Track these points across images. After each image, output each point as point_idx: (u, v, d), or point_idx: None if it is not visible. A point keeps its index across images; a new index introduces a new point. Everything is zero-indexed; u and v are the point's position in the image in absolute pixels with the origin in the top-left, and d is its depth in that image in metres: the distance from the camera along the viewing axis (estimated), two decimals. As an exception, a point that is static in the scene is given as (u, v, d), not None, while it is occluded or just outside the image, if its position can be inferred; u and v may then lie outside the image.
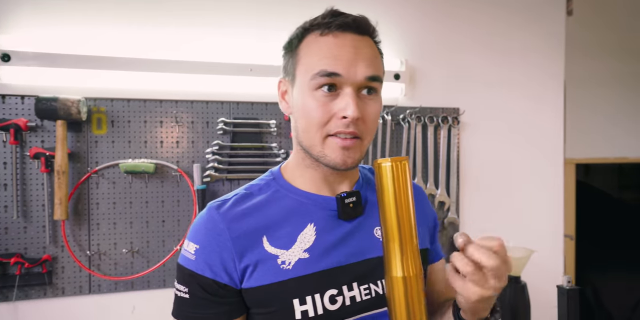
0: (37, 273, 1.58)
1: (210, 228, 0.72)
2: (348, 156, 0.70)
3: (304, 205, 0.76)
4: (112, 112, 1.67)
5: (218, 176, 1.74)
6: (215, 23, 1.76)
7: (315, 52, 0.70)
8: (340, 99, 0.69)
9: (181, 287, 0.72)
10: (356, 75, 0.68)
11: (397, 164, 0.60)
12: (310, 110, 0.69)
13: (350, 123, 0.68)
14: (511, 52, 2.15)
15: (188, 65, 1.68)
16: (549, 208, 2.24)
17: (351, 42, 0.70)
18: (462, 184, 2.08)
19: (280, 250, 0.71)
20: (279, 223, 0.74)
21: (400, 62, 1.93)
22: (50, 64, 1.55)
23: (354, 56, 0.69)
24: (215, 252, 0.70)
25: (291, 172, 0.80)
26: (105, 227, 1.66)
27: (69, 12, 1.62)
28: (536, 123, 2.20)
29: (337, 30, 0.70)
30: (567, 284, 1.20)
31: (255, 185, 0.80)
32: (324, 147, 0.71)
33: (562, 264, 2.30)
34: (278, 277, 0.70)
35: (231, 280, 0.70)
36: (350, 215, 0.76)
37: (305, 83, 0.70)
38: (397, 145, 1.97)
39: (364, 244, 0.76)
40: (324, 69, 0.68)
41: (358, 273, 0.74)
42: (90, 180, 1.65)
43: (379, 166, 0.61)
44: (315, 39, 0.71)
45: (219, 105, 1.78)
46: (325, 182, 0.78)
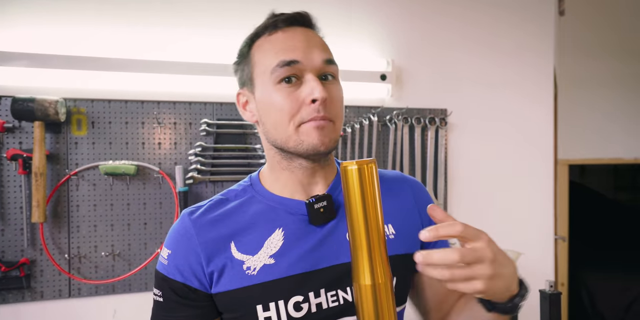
0: (15, 277, 1.55)
1: (182, 234, 0.73)
2: (325, 135, 0.69)
3: (275, 210, 0.75)
4: (93, 113, 1.64)
5: (201, 178, 1.71)
6: (198, 24, 1.74)
7: (269, 49, 0.71)
8: (305, 86, 0.69)
9: (157, 291, 0.73)
10: (313, 60, 0.69)
11: (364, 167, 0.58)
12: (278, 103, 0.69)
13: (320, 106, 0.68)
14: (500, 52, 2.13)
15: (170, 65, 1.66)
16: (539, 209, 2.22)
17: (301, 33, 0.71)
18: (450, 185, 2.05)
19: (247, 255, 0.71)
20: (248, 229, 0.73)
21: (386, 62, 1.91)
22: (29, 64, 1.53)
23: (306, 44, 0.70)
24: (184, 257, 0.71)
25: (268, 177, 0.79)
26: (85, 229, 1.64)
27: (49, 12, 1.60)
28: (526, 124, 2.18)
29: (284, 25, 0.71)
30: (549, 288, 1.17)
31: (232, 191, 0.80)
32: (299, 134, 0.69)
33: (552, 266, 2.28)
34: (243, 283, 0.70)
35: (201, 285, 0.71)
36: (321, 220, 0.74)
37: (266, 80, 0.70)
38: (384, 146, 1.95)
39: (335, 248, 0.74)
40: (283, 59, 0.68)
41: (326, 279, 0.72)
42: (70, 182, 1.62)
43: (344, 170, 0.59)
44: (265, 39, 0.72)
45: (202, 106, 1.75)
46: (299, 184, 0.76)
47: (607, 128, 3.44)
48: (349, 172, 0.58)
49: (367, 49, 1.92)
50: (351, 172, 0.58)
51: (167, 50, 1.69)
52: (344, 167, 0.59)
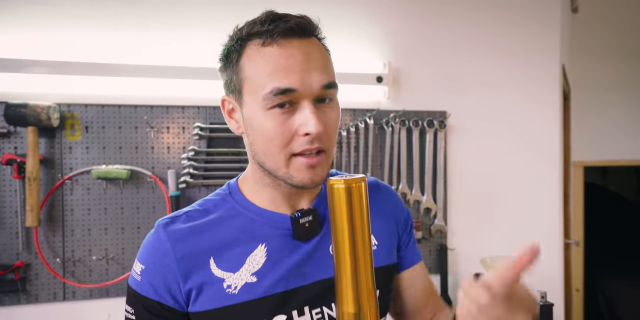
0: (10, 280, 1.58)
1: (156, 248, 0.69)
2: (315, 174, 0.66)
3: (257, 224, 0.71)
4: (86, 117, 1.66)
5: (194, 182, 1.71)
6: (190, 27, 1.74)
7: (261, 67, 0.63)
8: (299, 114, 0.63)
9: (129, 308, 0.70)
10: (312, 86, 0.63)
11: (353, 186, 0.53)
12: (269, 132, 0.64)
13: (313, 139, 0.63)
14: (502, 52, 2.07)
15: (163, 70, 1.66)
16: (545, 214, 2.14)
17: (299, 50, 0.63)
18: (449, 189, 2.00)
19: (227, 273, 0.67)
20: (229, 243, 0.69)
21: (383, 64, 1.88)
22: (23, 70, 1.55)
23: (305, 66, 0.63)
24: (159, 273, 0.67)
25: (250, 188, 0.75)
26: (79, 233, 1.65)
27: (42, 18, 1.62)
28: (530, 126, 2.11)
29: (281, 38, 0.63)
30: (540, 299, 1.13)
31: (210, 201, 0.75)
32: (290, 168, 0.66)
33: (561, 272, 2.20)
34: (223, 302, 0.66)
35: (176, 303, 0.67)
36: (306, 236, 0.71)
37: (257, 102, 0.64)
38: (381, 150, 1.91)
39: (319, 264, 0.71)
40: (277, 87, 0.61)
41: (309, 296, 0.70)
42: (65, 186, 1.64)
43: (331, 188, 0.54)
44: (257, 50, 0.64)
45: (195, 110, 1.75)
46: (285, 198, 0.73)
47: (626, 128, 3.33)
48: (335, 191, 0.53)
49: (363, 50, 1.89)
50: (338, 191, 0.53)
51: (159, 54, 1.70)
52: (330, 185, 0.54)
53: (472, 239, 2.03)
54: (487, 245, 2.03)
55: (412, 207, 1.95)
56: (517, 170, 2.09)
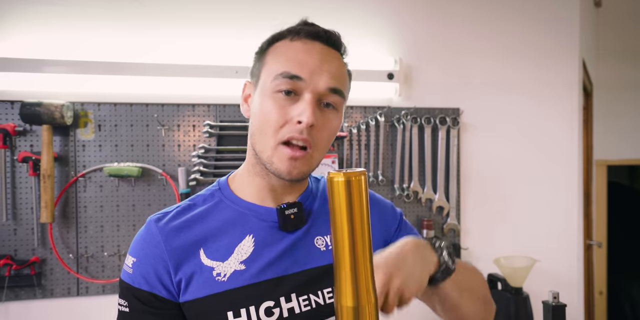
0: (26, 275, 1.61)
1: (148, 241, 0.71)
2: (294, 167, 0.69)
3: (244, 216, 0.75)
4: (99, 116, 1.69)
5: (204, 180, 1.72)
6: (200, 25, 1.75)
7: (281, 55, 0.70)
8: (298, 104, 0.68)
9: (122, 301, 0.72)
10: (318, 83, 0.68)
11: (352, 179, 0.52)
12: (268, 112, 0.69)
13: (304, 129, 0.67)
14: (518, 49, 2.01)
15: (174, 68, 1.67)
16: (562, 214, 2.08)
17: (319, 51, 0.70)
18: (463, 188, 1.96)
19: (216, 262, 0.70)
20: (216, 235, 0.72)
21: (394, 60, 1.85)
22: (38, 70, 1.58)
23: (319, 64, 0.68)
24: (150, 264, 0.70)
25: (239, 181, 0.79)
26: (92, 230, 1.68)
27: (57, 18, 1.65)
28: (547, 123, 2.05)
29: (306, 37, 0.71)
30: (552, 300, 1.09)
31: (200, 196, 0.79)
32: (274, 154, 0.70)
33: (579, 274, 2.13)
34: (213, 290, 0.69)
35: (169, 294, 0.69)
36: (291, 226, 0.75)
37: (267, 85, 0.69)
38: (392, 148, 1.89)
39: (305, 254, 0.74)
40: (287, 71, 0.67)
41: (297, 284, 0.72)
42: (78, 183, 1.67)
43: (330, 181, 0.53)
44: (284, 43, 0.72)
45: (205, 108, 1.76)
46: (272, 192, 0.76)
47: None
48: (335, 184, 0.53)
49: (374, 47, 1.86)
50: (338, 184, 0.53)
51: (170, 53, 1.71)
52: (330, 178, 0.54)
53: (485, 238, 1.98)
54: (501, 245, 1.98)
55: (425, 205, 1.92)
56: (533, 168, 2.04)
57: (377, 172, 1.86)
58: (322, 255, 0.75)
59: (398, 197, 1.88)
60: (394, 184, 1.88)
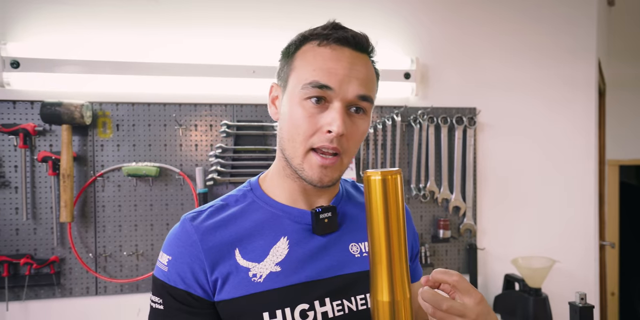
0: (46, 274, 1.62)
1: (184, 240, 0.72)
2: (325, 175, 0.70)
3: (278, 218, 0.75)
4: (117, 116, 1.69)
5: (221, 179, 1.72)
6: (218, 24, 1.75)
7: (310, 62, 0.69)
8: (328, 113, 0.68)
9: (156, 299, 0.72)
10: (347, 92, 0.68)
11: (388, 178, 0.55)
12: (297, 120, 0.69)
13: (334, 138, 0.67)
14: (535, 48, 2.00)
15: (191, 68, 1.68)
16: (580, 214, 2.07)
17: (348, 58, 0.69)
18: (479, 187, 1.96)
19: (252, 263, 0.71)
20: (252, 235, 0.73)
21: (410, 60, 1.85)
22: (57, 70, 1.59)
23: (348, 72, 0.68)
24: (187, 263, 0.70)
25: (270, 182, 0.79)
26: (111, 229, 1.69)
27: (75, 18, 1.66)
28: (564, 123, 2.04)
29: (335, 43, 0.69)
30: (579, 301, 1.08)
31: (232, 196, 0.79)
32: (304, 161, 0.70)
33: (594, 274, 2.12)
34: (249, 290, 0.69)
35: (204, 293, 0.70)
36: (325, 230, 0.75)
37: (296, 91, 0.69)
38: (408, 147, 1.88)
39: (338, 259, 0.75)
40: (316, 80, 0.67)
41: (331, 288, 0.72)
42: (97, 183, 1.67)
43: (368, 179, 0.56)
44: (312, 48, 0.70)
45: (223, 108, 1.76)
46: (304, 194, 0.77)
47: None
48: (372, 182, 0.56)
49: (390, 46, 1.86)
50: (374, 182, 0.55)
51: (188, 52, 1.71)
52: (367, 177, 0.56)
53: (502, 238, 1.97)
54: (518, 245, 1.97)
55: (441, 205, 1.91)
56: (550, 168, 2.03)
57: (393, 171, 1.86)
58: (357, 262, 0.75)
59: (414, 197, 1.87)
60: (411, 184, 1.88)
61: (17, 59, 1.56)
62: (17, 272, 1.61)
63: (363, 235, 0.77)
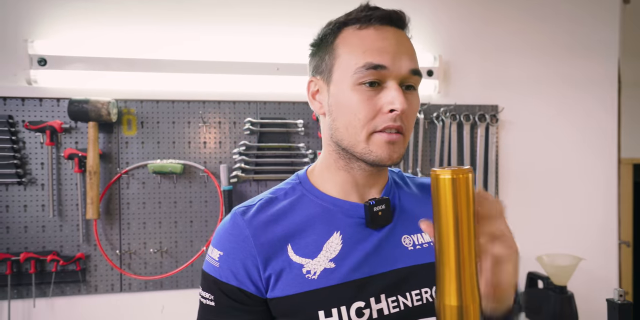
0: (72, 270, 1.63)
1: (235, 235, 0.70)
2: (394, 151, 0.68)
3: (331, 212, 0.73)
4: (142, 113, 1.69)
5: (245, 177, 1.72)
6: (241, 22, 1.75)
7: (357, 46, 0.67)
8: (386, 93, 0.66)
9: (206, 295, 0.70)
10: (401, 68, 0.66)
11: (459, 177, 0.52)
12: (354, 106, 0.67)
13: (397, 117, 0.66)
14: (558, 46, 2.00)
15: (215, 65, 1.68)
16: (600, 212, 2.06)
17: (393, 35, 0.68)
18: (501, 185, 1.95)
19: (305, 259, 0.69)
20: (304, 230, 0.71)
21: (433, 57, 1.84)
22: (83, 67, 1.60)
23: (397, 48, 0.66)
24: (239, 259, 0.68)
25: (319, 175, 0.77)
26: (135, 226, 1.69)
27: (101, 16, 1.66)
28: (586, 121, 2.03)
29: (377, 23, 0.68)
30: (618, 297, 1.07)
31: (280, 189, 0.77)
32: (369, 143, 0.68)
33: (616, 273, 2.11)
34: (303, 288, 0.67)
35: (257, 290, 0.68)
36: (379, 223, 0.73)
37: (347, 78, 0.67)
38: (431, 145, 1.88)
39: (392, 253, 0.72)
40: (370, 62, 0.65)
41: (386, 284, 0.70)
42: (121, 180, 1.68)
43: (436, 178, 0.53)
44: (353, 32, 0.69)
45: (246, 105, 1.76)
46: (355, 186, 0.75)
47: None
48: (441, 181, 0.52)
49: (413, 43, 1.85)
50: (444, 181, 0.52)
51: (211, 50, 1.72)
52: (436, 175, 0.53)
53: (525, 236, 1.96)
54: (539, 243, 1.96)
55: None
56: (571, 166, 2.02)
57: (415, 169, 1.85)
58: (410, 255, 0.72)
59: (437, 194, 1.87)
60: (433, 182, 1.87)
61: (44, 57, 1.56)
62: (43, 268, 1.62)
63: (415, 227, 0.75)
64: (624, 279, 3.37)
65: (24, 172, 1.61)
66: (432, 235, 0.55)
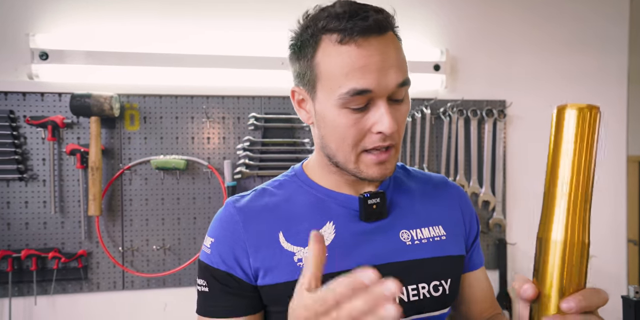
0: (74, 268, 1.60)
1: (226, 221, 0.70)
2: (386, 168, 0.67)
3: (324, 202, 0.72)
4: (145, 108, 1.67)
5: (249, 173, 1.70)
6: (245, 16, 1.73)
7: (338, 65, 0.61)
8: (373, 113, 0.63)
9: (201, 282, 0.71)
10: (387, 85, 0.61)
11: (585, 111, 0.50)
12: (341, 130, 0.64)
13: (386, 137, 0.64)
14: (567, 41, 1.96)
15: (219, 59, 1.65)
16: (610, 210, 2.03)
17: (377, 49, 0.61)
18: (509, 181, 1.92)
19: (297, 247, 0.68)
20: (296, 219, 0.70)
21: (440, 52, 1.82)
22: (85, 62, 1.58)
23: (382, 65, 0.61)
24: (228, 245, 0.69)
25: (312, 171, 0.76)
26: (138, 223, 1.66)
27: (103, 9, 1.64)
28: (594, 116, 1.99)
29: (359, 36, 0.60)
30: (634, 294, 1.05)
31: (276, 181, 0.77)
32: (359, 163, 0.67)
33: (625, 270, 2.08)
34: (294, 276, 0.66)
35: (245, 276, 0.68)
36: (372, 217, 0.71)
37: (331, 99, 0.63)
38: (437, 140, 1.85)
39: (389, 247, 0.71)
40: (354, 88, 0.60)
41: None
42: (124, 176, 1.65)
43: (560, 112, 0.52)
44: (334, 47, 0.62)
45: (250, 100, 1.74)
46: (350, 184, 0.74)
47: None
48: (565, 115, 0.51)
49: (420, 37, 1.83)
50: (568, 115, 0.51)
51: (215, 44, 1.69)
52: (561, 109, 0.52)
53: (532, 234, 1.93)
54: (549, 240, 1.93)
55: (470, 199, 1.88)
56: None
57: (422, 164, 1.83)
58: (408, 250, 0.71)
59: (443, 191, 1.84)
60: (439, 178, 1.85)
61: (46, 51, 1.54)
62: (45, 266, 1.59)
63: (414, 222, 0.74)
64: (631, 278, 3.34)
65: (25, 168, 1.58)
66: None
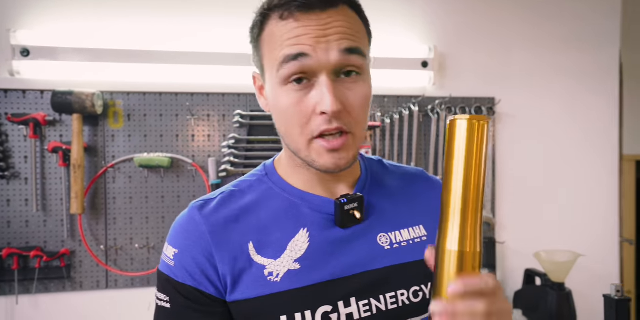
0: (56, 267, 1.59)
1: (191, 231, 0.63)
2: (339, 158, 0.61)
3: (297, 207, 0.66)
4: (128, 105, 1.65)
5: (234, 171, 1.68)
6: (230, 13, 1.71)
7: (276, 40, 0.59)
8: (315, 91, 0.58)
9: (162, 296, 0.64)
10: (328, 52, 0.56)
11: (474, 123, 0.51)
12: (286, 110, 0.60)
13: (331, 118, 0.58)
14: (557, 36, 1.95)
15: (203, 56, 1.64)
16: (602, 209, 2.01)
17: (317, 22, 0.57)
18: (498, 180, 1.90)
19: (268, 259, 0.63)
20: (267, 227, 0.65)
21: (428, 48, 1.80)
22: (68, 58, 1.56)
23: (322, 32, 0.57)
24: (195, 258, 0.62)
25: (285, 167, 0.70)
26: (121, 222, 1.65)
27: (86, 6, 1.62)
28: (586, 115, 1.98)
29: (298, 11, 0.57)
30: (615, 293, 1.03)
31: (245, 182, 0.70)
32: (310, 151, 0.61)
33: (617, 270, 2.05)
34: (265, 291, 0.61)
35: (216, 291, 0.62)
36: (349, 222, 0.66)
37: (274, 78, 0.60)
38: (425, 138, 1.83)
39: (366, 253, 0.66)
40: (287, 53, 0.56)
41: (356, 287, 0.64)
42: (107, 174, 1.64)
43: (452, 123, 0.52)
44: (275, 25, 0.59)
45: (236, 98, 1.72)
46: (321, 181, 0.68)
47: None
48: (456, 126, 0.52)
49: (406, 34, 1.81)
50: (459, 126, 0.52)
51: (200, 41, 1.67)
52: (452, 120, 0.52)
53: (522, 232, 1.92)
54: (537, 240, 1.91)
55: (459, 198, 1.86)
56: (570, 161, 1.97)
57: (410, 162, 1.81)
58: (386, 255, 0.66)
59: (432, 189, 1.82)
60: (428, 176, 1.83)
61: (27, 47, 1.53)
62: (27, 265, 1.58)
63: (392, 225, 0.70)
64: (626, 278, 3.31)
65: (7, 166, 1.57)
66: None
